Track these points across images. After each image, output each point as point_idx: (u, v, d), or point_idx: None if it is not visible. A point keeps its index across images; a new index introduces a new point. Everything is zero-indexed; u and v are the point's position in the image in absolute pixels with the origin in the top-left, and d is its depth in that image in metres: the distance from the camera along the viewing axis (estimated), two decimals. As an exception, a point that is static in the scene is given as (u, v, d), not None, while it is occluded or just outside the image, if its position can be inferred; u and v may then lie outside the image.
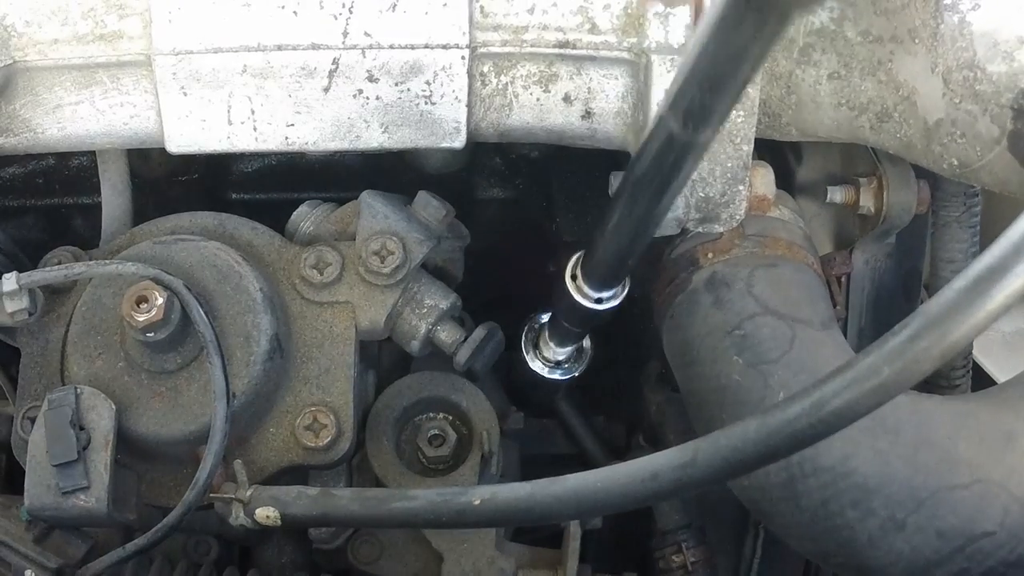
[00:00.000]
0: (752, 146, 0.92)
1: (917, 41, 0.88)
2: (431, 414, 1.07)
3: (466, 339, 1.02)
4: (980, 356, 1.26)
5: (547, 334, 1.09)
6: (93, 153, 1.12)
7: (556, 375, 1.12)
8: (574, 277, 0.94)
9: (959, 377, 1.13)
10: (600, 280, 0.92)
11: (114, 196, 1.10)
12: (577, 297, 0.93)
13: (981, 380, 1.23)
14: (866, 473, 0.86)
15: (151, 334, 0.90)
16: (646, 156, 0.71)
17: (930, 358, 0.61)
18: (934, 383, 1.12)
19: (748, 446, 0.68)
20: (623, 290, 0.94)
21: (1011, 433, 0.86)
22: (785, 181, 1.11)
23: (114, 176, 1.10)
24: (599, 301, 0.93)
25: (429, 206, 1.02)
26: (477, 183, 1.26)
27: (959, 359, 1.13)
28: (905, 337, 0.61)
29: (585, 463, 1.26)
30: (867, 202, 1.04)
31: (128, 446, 0.92)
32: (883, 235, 1.08)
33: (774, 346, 0.92)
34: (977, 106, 0.86)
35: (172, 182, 1.21)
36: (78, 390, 0.91)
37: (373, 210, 0.99)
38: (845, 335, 1.13)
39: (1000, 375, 1.25)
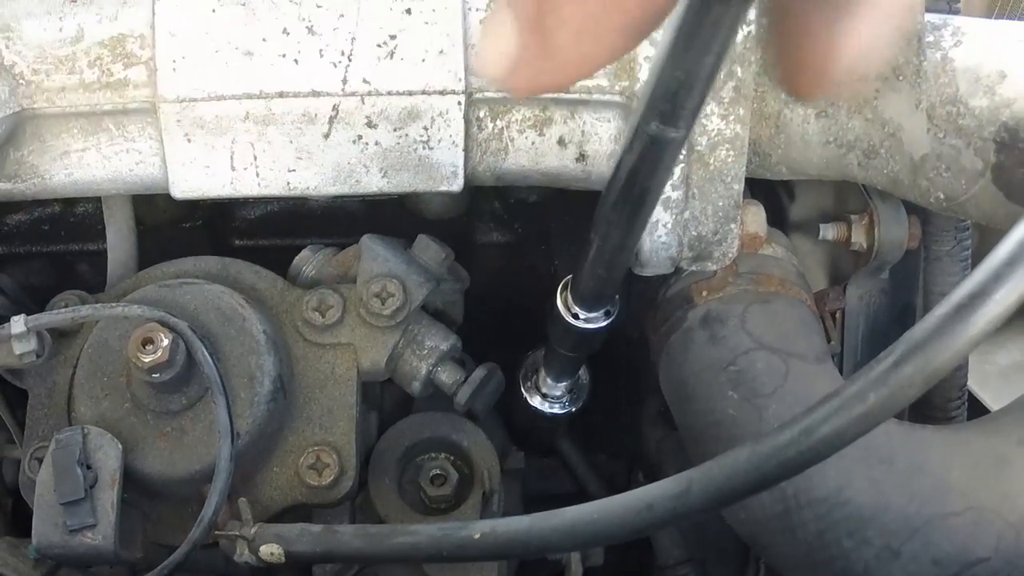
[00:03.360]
0: (743, 185, 0.95)
1: (901, 78, 0.91)
2: (433, 454, 1.09)
3: (466, 380, 1.04)
4: (977, 389, 1.28)
5: (543, 369, 1.12)
6: (98, 200, 1.16)
7: (554, 410, 1.14)
8: (565, 300, 0.96)
9: (955, 409, 1.15)
10: (589, 299, 0.93)
11: (120, 241, 1.14)
12: (568, 318, 0.95)
13: (979, 413, 1.25)
14: (861, 503, 0.88)
15: (157, 375, 0.93)
16: (624, 162, 0.73)
17: (914, 384, 0.63)
18: (931, 415, 1.15)
19: (740, 474, 0.70)
20: (613, 310, 0.96)
21: (1003, 460, 0.88)
22: (779, 219, 1.14)
23: (120, 222, 1.14)
24: (589, 321, 0.95)
25: (429, 249, 1.05)
26: (477, 227, 1.29)
27: (954, 391, 1.15)
28: (889, 364, 0.64)
29: (587, 501, 1.28)
30: (859, 239, 1.07)
31: (134, 485, 0.95)
32: (876, 270, 1.11)
33: (768, 380, 0.94)
34: (961, 140, 0.89)
35: (176, 228, 1.24)
36: (85, 430, 0.94)
37: (373, 253, 1.02)
38: (841, 369, 1.16)
39: (996, 407, 1.27)
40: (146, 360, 0.92)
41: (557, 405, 1.13)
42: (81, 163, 0.98)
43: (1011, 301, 0.62)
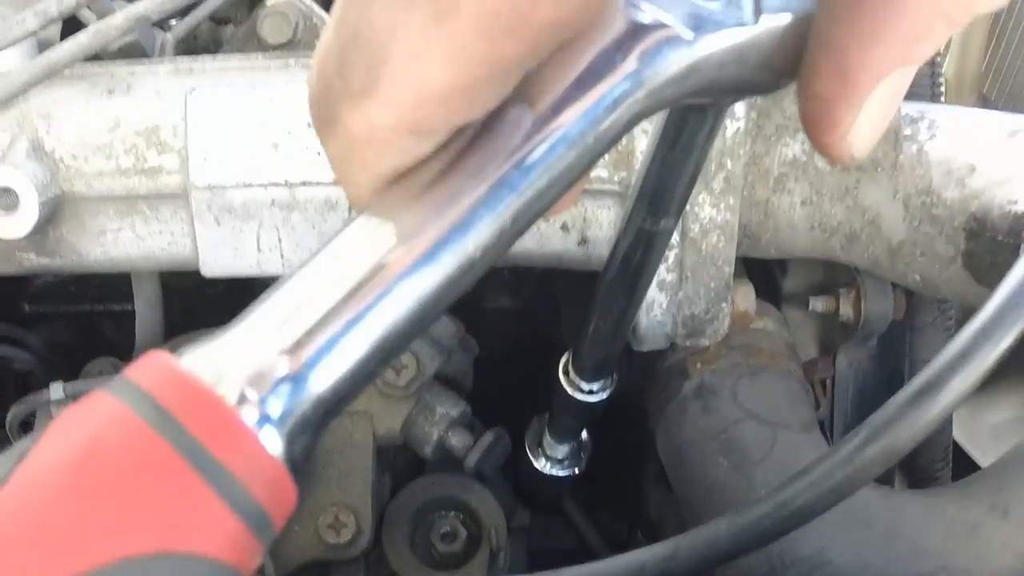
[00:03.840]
0: (732, 267, 1.07)
1: (880, 170, 1.04)
2: (443, 512, 1.21)
3: (475, 444, 1.17)
4: (968, 446, 1.40)
5: (548, 433, 1.24)
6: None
7: (557, 471, 1.26)
8: (566, 372, 1.09)
9: (939, 469, 1.27)
10: (589, 372, 1.06)
11: (147, 310, 1.26)
12: (570, 390, 1.08)
13: (970, 468, 1.37)
14: (841, 564, 1.00)
15: (188, 442, 1.05)
16: (619, 249, 0.86)
17: (876, 463, 0.75)
18: (917, 475, 1.27)
19: (721, 542, 0.83)
20: (611, 384, 1.08)
21: (975, 524, 1.00)
22: (772, 291, 1.26)
23: (147, 291, 1.26)
24: (590, 393, 1.08)
25: (440, 323, 1.18)
26: (486, 294, 1.42)
27: (939, 452, 1.27)
28: (855, 446, 0.76)
29: (590, 558, 1.40)
30: (847, 311, 1.20)
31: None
32: (864, 340, 1.23)
33: (757, 449, 1.06)
34: (934, 228, 1.01)
35: (201, 294, 1.37)
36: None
37: (389, 326, 1.14)
38: (832, 433, 1.28)
39: (986, 463, 1.39)
40: (180, 430, 1.04)
41: (560, 467, 1.25)
42: (116, 242, 1.11)
43: (964, 390, 0.74)
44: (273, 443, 0.38)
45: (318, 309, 0.41)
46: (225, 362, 0.39)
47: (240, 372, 0.39)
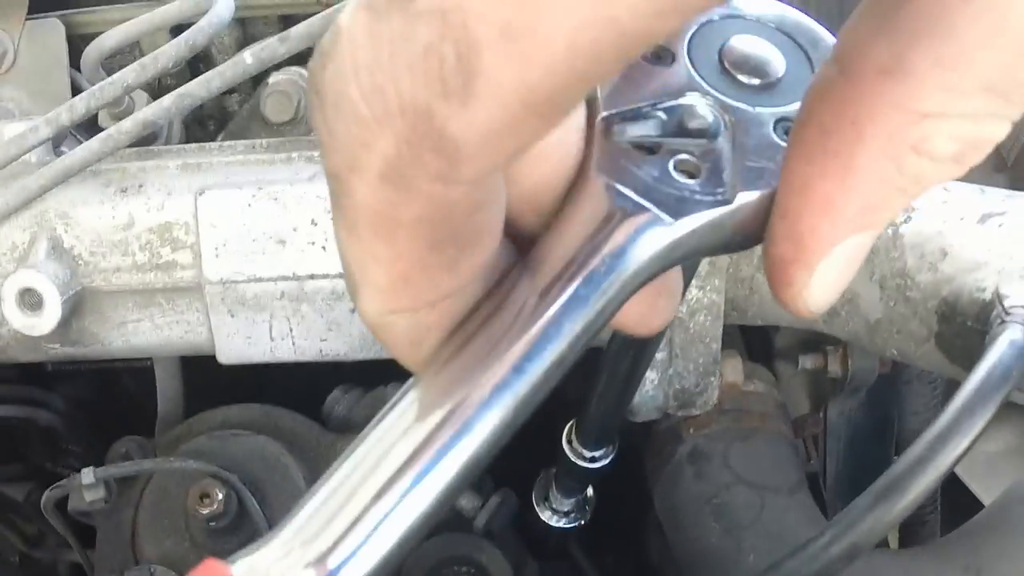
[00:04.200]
0: (720, 343, 1.17)
1: (857, 252, 1.13)
2: (455, 569, 1.33)
3: (483, 505, 1.28)
4: (964, 476, 1.49)
5: (554, 488, 1.35)
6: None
7: (563, 523, 1.37)
8: (570, 441, 1.20)
9: (928, 514, 1.38)
10: (591, 442, 1.17)
11: (167, 380, 1.38)
12: (573, 458, 1.19)
13: (968, 499, 1.46)
14: (825, 626, 1.11)
15: (213, 523, 1.17)
16: (616, 341, 0.97)
17: (841, 559, 0.86)
18: (907, 520, 1.37)
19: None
20: (612, 450, 1.19)
21: (950, 586, 1.11)
22: (765, 348, 1.37)
23: (167, 362, 1.38)
24: (593, 460, 1.19)
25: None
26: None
27: (927, 499, 1.37)
28: (821, 545, 0.87)
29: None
30: (834, 367, 1.30)
31: (195, 617, 1.19)
32: (853, 393, 1.33)
33: (746, 513, 1.17)
34: (908, 309, 1.11)
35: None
36: (152, 569, 1.19)
37: (397, 400, 1.25)
38: (824, 481, 1.39)
39: (984, 494, 1.49)
40: (204, 512, 1.16)
41: (566, 520, 1.36)
42: (136, 331, 1.22)
43: (923, 491, 0.84)
44: None
45: (340, 520, 0.51)
46: (270, 572, 0.50)
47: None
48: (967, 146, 0.44)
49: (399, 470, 0.49)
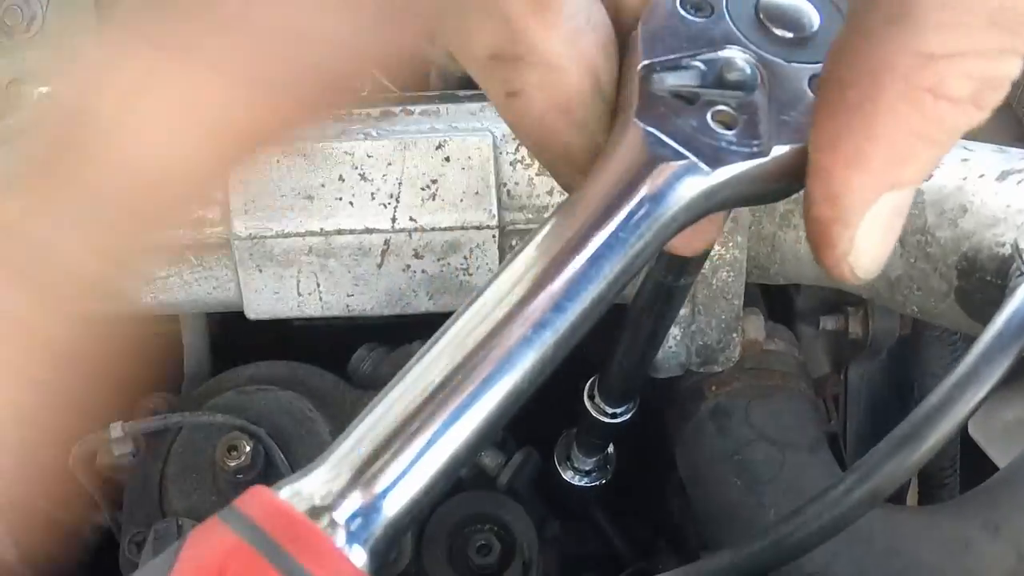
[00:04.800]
0: (742, 300, 1.20)
1: (878, 208, 1.15)
2: (478, 527, 1.35)
3: (507, 463, 1.31)
4: (983, 442, 1.51)
5: (575, 447, 1.37)
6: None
7: (586, 482, 1.39)
8: (591, 396, 1.22)
9: (947, 476, 1.40)
10: (613, 398, 1.20)
11: (195, 339, 1.41)
12: (595, 414, 1.22)
13: (986, 464, 1.48)
14: (844, 578, 1.14)
15: (241, 476, 1.20)
16: (641, 297, 0.99)
17: (862, 505, 0.88)
18: (926, 482, 1.40)
19: (724, 574, 0.96)
20: (634, 407, 1.21)
21: (968, 541, 1.13)
22: (786, 309, 1.39)
23: (193, 321, 1.41)
24: (614, 416, 1.21)
25: (471, 351, 1.31)
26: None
27: (946, 461, 1.40)
28: (842, 490, 0.89)
29: (617, 562, 1.54)
30: (855, 329, 1.32)
31: (222, 569, 1.22)
32: (874, 354, 1.35)
33: (767, 470, 1.20)
34: (928, 265, 1.13)
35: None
36: (180, 522, 1.21)
37: (421, 358, 1.28)
38: (844, 442, 1.41)
39: (1001, 461, 1.50)
40: (232, 464, 1.19)
41: (588, 479, 1.39)
42: (165, 288, 1.25)
43: (942, 437, 0.87)
44: (359, 558, 0.49)
45: (388, 441, 0.53)
46: (315, 496, 0.52)
47: (328, 503, 0.50)
48: (983, 85, 0.45)
49: (441, 403, 0.52)
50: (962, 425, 0.86)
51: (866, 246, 0.50)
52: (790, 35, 0.57)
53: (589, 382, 1.22)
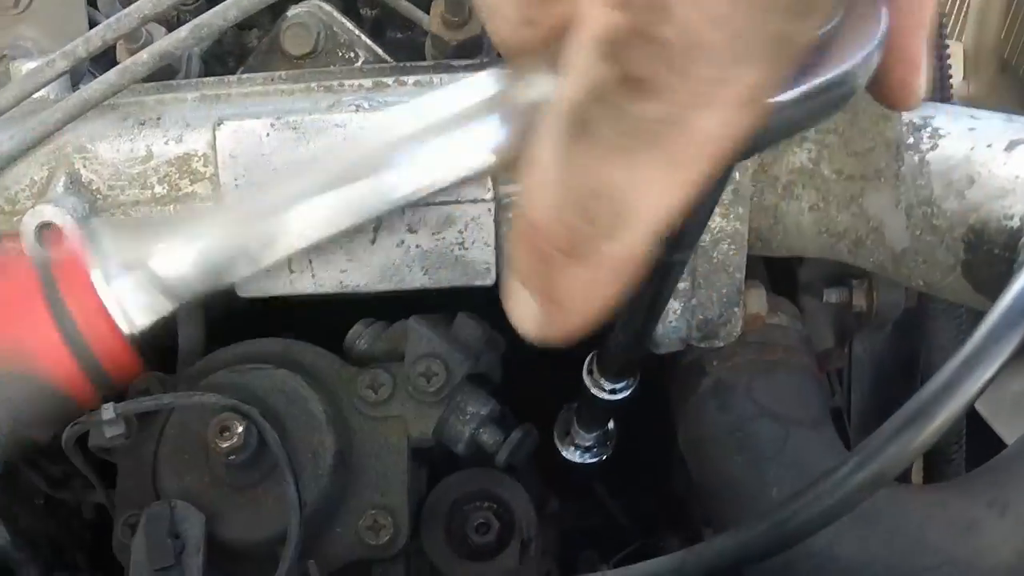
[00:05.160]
0: (743, 273, 1.17)
1: (883, 180, 1.12)
2: (477, 505, 1.33)
3: (505, 440, 1.28)
4: (988, 416, 1.49)
5: (575, 423, 1.35)
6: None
7: (586, 459, 1.37)
8: (591, 372, 1.19)
9: (953, 453, 1.37)
10: (612, 373, 1.17)
11: (188, 319, 1.38)
12: (594, 390, 1.19)
13: (991, 439, 1.47)
14: (850, 557, 1.11)
15: (233, 457, 1.17)
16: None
17: (865, 488, 0.86)
18: (932, 459, 1.37)
19: (726, 556, 0.94)
20: (633, 383, 1.18)
21: (974, 520, 1.10)
22: (789, 282, 1.36)
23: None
24: (613, 392, 1.18)
25: (468, 327, 1.29)
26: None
27: (952, 436, 1.37)
28: (846, 472, 0.86)
29: (619, 538, 1.52)
30: (859, 302, 1.29)
31: (217, 550, 1.19)
32: (879, 327, 1.33)
33: (769, 446, 1.17)
34: (935, 237, 1.10)
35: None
36: (172, 503, 1.19)
37: (419, 335, 1.26)
38: (848, 417, 1.38)
39: (1007, 434, 1.49)
40: (224, 446, 1.16)
41: (588, 455, 1.36)
42: (156, 265, 1.22)
43: (951, 418, 0.84)
44: (116, 311, 0.56)
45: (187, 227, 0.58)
46: (111, 250, 0.57)
47: (114, 257, 0.57)
48: None
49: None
50: (970, 406, 0.83)
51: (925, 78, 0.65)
52: None
53: (589, 357, 1.19)
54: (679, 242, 0.88)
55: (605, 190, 0.48)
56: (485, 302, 1.33)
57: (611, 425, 1.37)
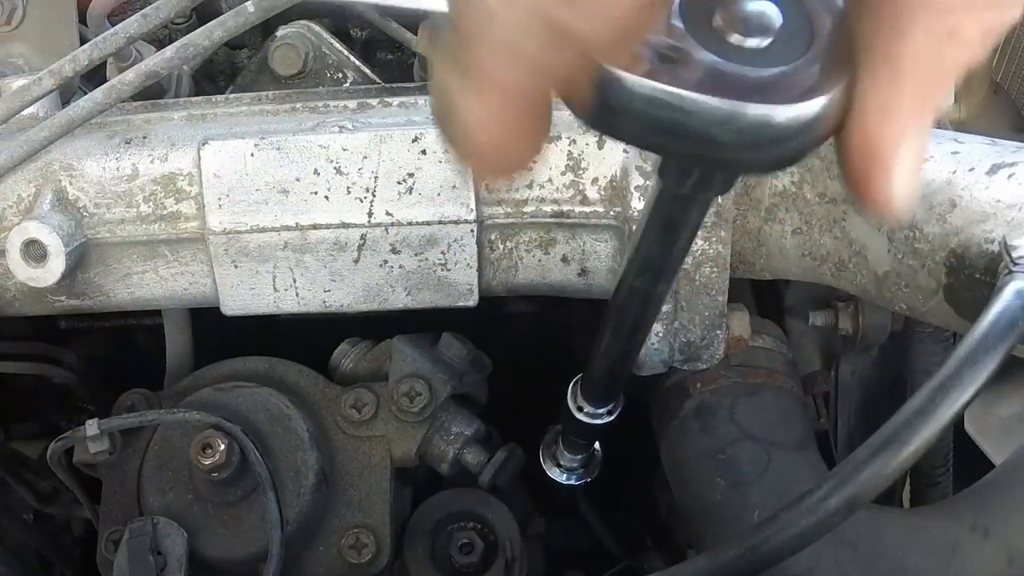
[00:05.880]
0: (726, 296, 1.16)
1: (865, 203, 1.11)
2: (461, 524, 1.32)
3: (489, 461, 1.27)
4: (979, 438, 1.48)
5: (561, 445, 1.34)
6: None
7: (572, 481, 1.36)
8: (575, 397, 1.18)
9: (940, 475, 1.36)
10: (595, 399, 1.16)
11: (176, 334, 1.37)
12: (577, 415, 1.17)
13: (981, 461, 1.45)
14: (828, 582, 1.10)
15: (215, 474, 1.17)
16: (617, 302, 0.95)
17: (839, 513, 0.85)
18: (918, 480, 1.36)
19: (699, 579, 0.93)
20: (616, 408, 1.17)
21: (956, 544, 1.09)
22: (775, 303, 1.35)
23: (176, 316, 1.37)
24: (596, 417, 1.17)
25: (452, 347, 1.28)
26: (507, 299, 1.51)
27: (939, 459, 1.36)
28: (819, 496, 0.85)
29: (604, 559, 1.51)
30: (845, 324, 1.28)
31: (198, 567, 1.19)
32: (864, 350, 1.32)
33: (751, 469, 1.16)
34: (917, 261, 1.09)
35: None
36: (155, 520, 1.18)
37: (403, 354, 1.25)
38: (835, 440, 1.37)
39: (997, 457, 1.47)
40: (206, 463, 1.16)
41: (574, 476, 1.35)
42: (141, 283, 1.22)
43: (925, 443, 0.83)
44: None
45: None
46: None
47: None
48: (991, 28, 0.49)
49: None
50: (947, 429, 0.82)
51: (903, 184, 0.53)
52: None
53: (572, 383, 1.18)
54: (661, 272, 0.86)
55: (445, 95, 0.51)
56: (472, 322, 1.33)
57: (597, 447, 1.36)
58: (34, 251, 1.14)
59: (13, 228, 1.14)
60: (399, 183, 1.15)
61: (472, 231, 1.16)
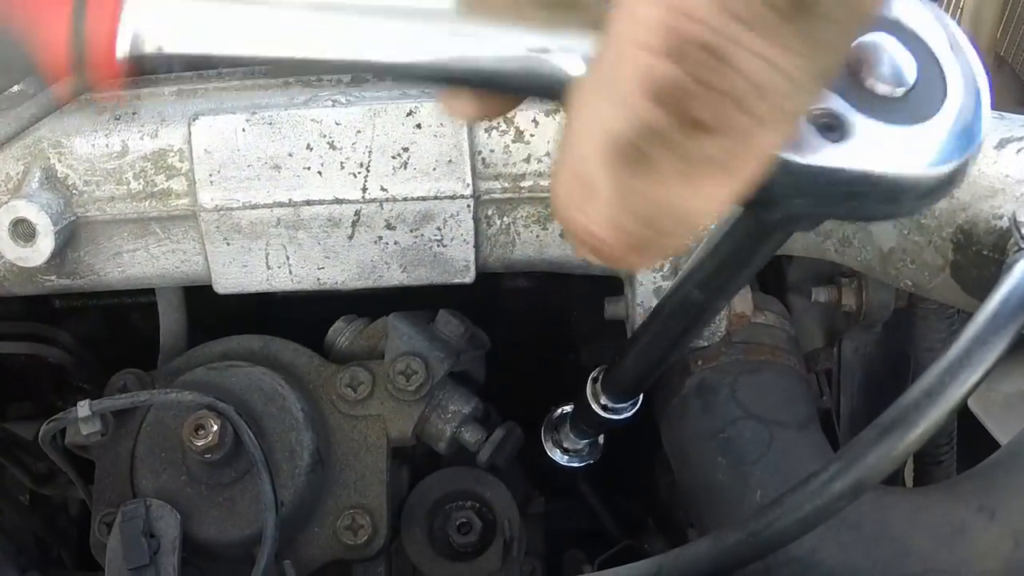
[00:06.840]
0: (728, 273, 1.12)
1: (870, 177, 1.08)
2: (459, 504, 1.29)
3: (487, 439, 1.24)
4: (981, 415, 1.44)
5: (567, 427, 1.30)
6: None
7: (574, 463, 1.33)
8: (595, 386, 1.14)
9: (944, 453, 1.33)
10: (618, 395, 1.12)
11: (170, 312, 1.34)
12: (595, 407, 1.14)
13: (984, 439, 1.41)
14: (831, 564, 1.06)
15: (208, 455, 1.13)
16: (668, 308, 0.91)
17: (844, 497, 0.81)
18: (921, 459, 1.32)
19: (701, 563, 0.89)
20: (635, 406, 1.13)
21: (962, 526, 1.06)
22: (777, 280, 1.31)
23: (169, 294, 1.34)
24: (617, 412, 1.14)
25: (449, 324, 1.25)
26: (504, 275, 1.48)
27: (943, 438, 1.33)
28: (824, 480, 0.82)
29: (604, 540, 1.48)
30: (848, 301, 1.24)
31: (192, 549, 1.16)
32: (868, 327, 1.28)
33: (753, 448, 1.12)
34: (923, 237, 1.05)
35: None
36: (147, 502, 1.15)
37: (399, 332, 1.22)
38: (838, 419, 1.34)
39: (1000, 434, 1.43)
40: (199, 444, 1.13)
41: (576, 459, 1.31)
42: (132, 262, 1.18)
43: (931, 427, 0.80)
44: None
45: None
46: None
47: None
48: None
49: None
50: (955, 411, 0.79)
51: None
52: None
53: (595, 371, 1.14)
54: (723, 289, 0.82)
55: (665, 207, 0.47)
56: (470, 299, 1.29)
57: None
58: (22, 230, 1.11)
59: (1, 207, 1.11)
60: (393, 158, 1.11)
61: (468, 206, 1.12)
